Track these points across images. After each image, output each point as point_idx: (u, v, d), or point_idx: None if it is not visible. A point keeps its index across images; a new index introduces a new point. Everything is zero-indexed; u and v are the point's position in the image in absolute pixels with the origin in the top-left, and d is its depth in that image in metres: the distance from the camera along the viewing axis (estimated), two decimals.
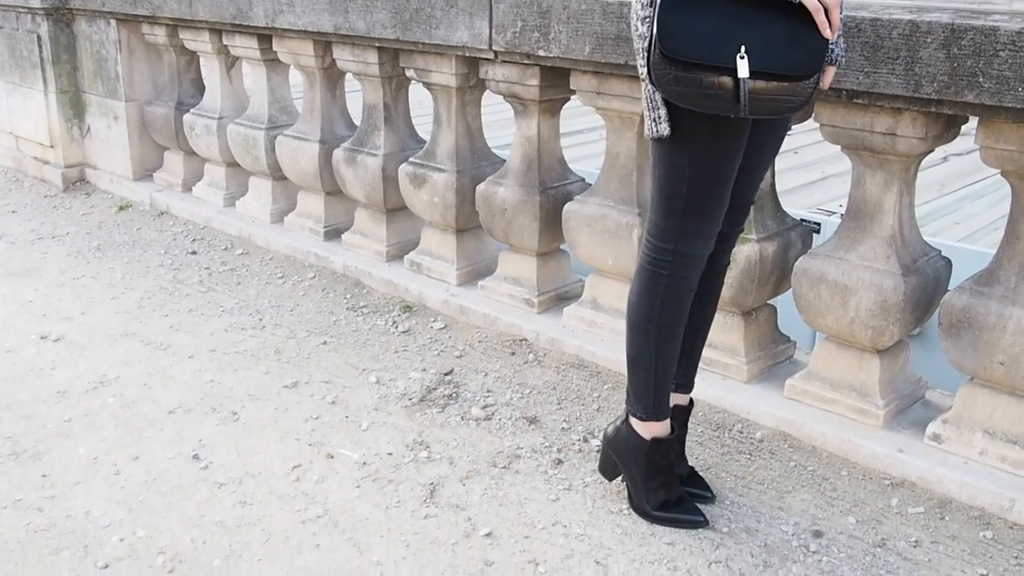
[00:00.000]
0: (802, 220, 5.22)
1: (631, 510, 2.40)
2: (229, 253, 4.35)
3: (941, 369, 2.83)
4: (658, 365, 2.28)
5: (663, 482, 2.37)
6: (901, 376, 2.80)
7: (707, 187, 2.12)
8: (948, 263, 2.80)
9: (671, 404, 2.38)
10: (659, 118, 2.07)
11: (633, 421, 2.35)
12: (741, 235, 2.81)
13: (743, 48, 1.85)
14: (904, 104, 2.43)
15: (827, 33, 1.89)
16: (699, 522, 2.34)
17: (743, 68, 1.85)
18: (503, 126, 6.34)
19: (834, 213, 5.66)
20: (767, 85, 1.88)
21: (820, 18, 1.87)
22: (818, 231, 5.35)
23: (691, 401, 2.49)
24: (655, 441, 2.33)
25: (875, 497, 2.47)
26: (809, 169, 7.41)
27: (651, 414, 2.33)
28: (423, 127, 4.12)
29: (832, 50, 2.11)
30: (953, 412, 2.59)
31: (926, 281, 2.67)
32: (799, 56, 1.89)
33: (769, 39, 1.87)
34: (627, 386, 2.37)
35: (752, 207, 2.82)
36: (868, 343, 2.67)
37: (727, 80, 1.87)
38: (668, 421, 2.35)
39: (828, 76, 2.11)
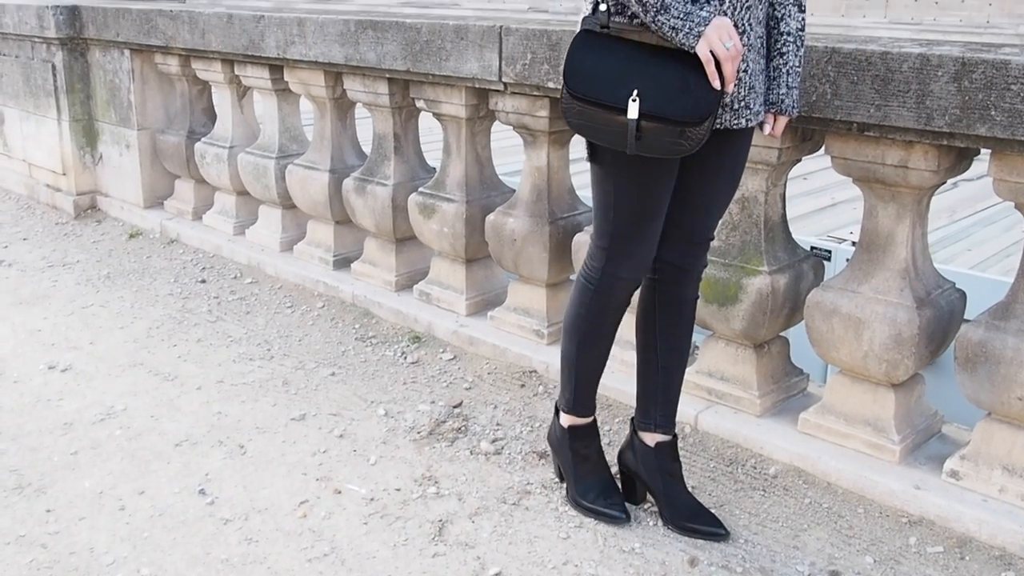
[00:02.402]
0: (813, 248, 5.20)
1: (566, 502, 2.54)
2: (238, 282, 4.34)
3: (956, 400, 2.79)
4: (578, 366, 2.47)
5: (587, 470, 2.52)
6: (917, 410, 2.76)
7: (630, 215, 2.26)
8: (962, 295, 2.76)
9: (653, 443, 2.47)
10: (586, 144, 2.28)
11: (561, 414, 2.56)
12: (752, 268, 2.79)
13: (635, 91, 2.00)
14: (916, 137, 2.41)
15: (716, 84, 2.00)
16: (617, 518, 2.44)
17: (633, 110, 2.00)
18: (511, 152, 6.34)
19: (845, 240, 5.62)
20: (658, 127, 2.01)
21: (710, 69, 1.99)
22: (829, 259, 5.31)
23: (675, 435, 2.52)
24: (572, 428, 2.53)
25: (892, 535, 2.43)
26: (819, 195, 7.38)
27: (570, 409, 2.53)
28: (432, 152, 4.11)
29: (782, 100, 2.25)
30: (971, 448, 2.55)
31: (940, 314, 2.63)
32: (688, 102, 2.00)
33: (662, 84, 2.01)
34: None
35: (763, 239, 2.82)
36: (883, 377, 2.63)
37: (621, 119, 2.02)
38: (590, 419, 2.54)
39: (779, 126, 2.28)
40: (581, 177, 5.45)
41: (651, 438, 2.48)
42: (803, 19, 2.27)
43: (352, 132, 4.29)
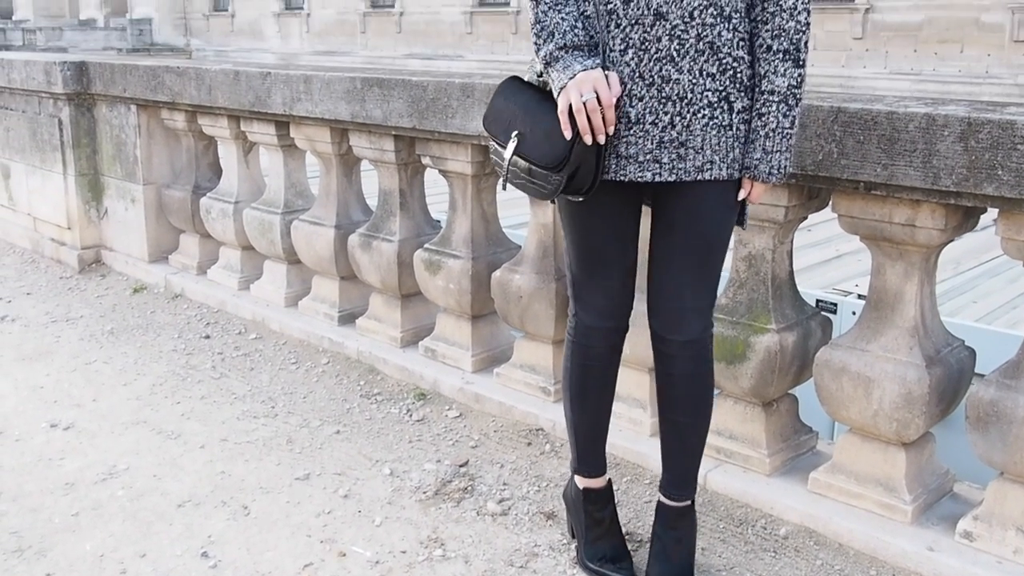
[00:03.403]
0: (818, 301, 5.19)
1: (574, 564, 2.49)
2: (243, 337, 4.33)
3: (967, 456, 2.76)
4: (575, 424, 2.48)
5: (600, 534, 2.49)
6: (928, 469, 2.73)
7: (580, 261, 2.35)
8: (972, 353, 2.74)
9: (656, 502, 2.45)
10: None
11: (575, 475, 2.54)
12: (759, 325, 2.78)
13: (516, 132, 2.16)
14: (923, 196, 2.42)
15: (566, 133, 2.06)
16: None
17: (509, 148, 2.16)
18: (516, 205, 6.36)
19: (850, 293, 5.61)
20: (527, 167, 2.14)
21: (563, 119, 2.07)
22: (835, 312, 5.30)
23: (675, 504, 2.44)
24: (586, 491, 2.50)
25: None
26: (823, 247, 7.37)
27: (575, 468, 2.53)
28: (438, 205, 4.12)
29: (756, 165, 2.18)
30: (984, 508, 2.52)
31: (950, 372, 2.61)
32: (546, 149, 2.11)
33: (536, 130, 2.14)
34: None
35: (771, 297, 2.80)
36: (893, 436, 2.61)
37: (505, 155, 2.18)
38: (602, 478, 2.51)
39: (756, 192, 2.25)
40: None
41: (661, 498, 2.46)
42: (799, 75, 2.14)
43: (357, 188, 4.30)
